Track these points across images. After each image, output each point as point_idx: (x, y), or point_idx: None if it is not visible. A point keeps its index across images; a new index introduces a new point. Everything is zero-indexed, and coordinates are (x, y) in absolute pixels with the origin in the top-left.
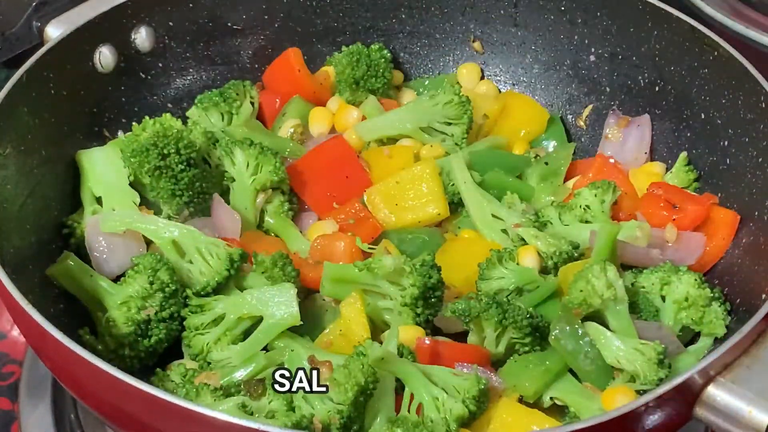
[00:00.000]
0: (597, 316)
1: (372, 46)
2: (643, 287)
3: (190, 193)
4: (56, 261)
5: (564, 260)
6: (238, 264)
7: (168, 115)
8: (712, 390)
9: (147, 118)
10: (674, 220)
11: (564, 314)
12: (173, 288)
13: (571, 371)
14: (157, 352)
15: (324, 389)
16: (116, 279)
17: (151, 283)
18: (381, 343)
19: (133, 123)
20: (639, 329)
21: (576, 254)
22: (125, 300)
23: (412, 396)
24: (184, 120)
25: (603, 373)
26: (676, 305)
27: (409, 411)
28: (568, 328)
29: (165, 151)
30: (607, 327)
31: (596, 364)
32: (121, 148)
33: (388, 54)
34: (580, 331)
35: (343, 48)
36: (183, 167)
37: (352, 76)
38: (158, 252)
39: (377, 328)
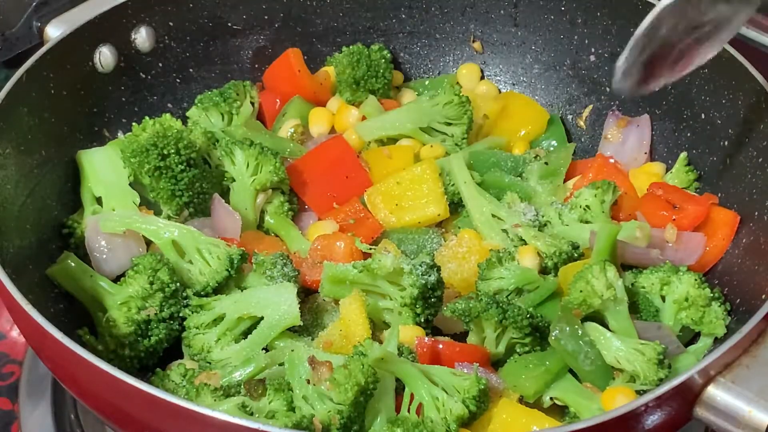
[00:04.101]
0: (597, 317)
1: (372, 47)
2: (643, 287)
3: (190, 193)
4: (56, 261)
5: (564, 260)
6: (238, 264)
7: (168, 115)
8: (712, 390)
9: (147, 118)
10: (674, 220)
11: (564, 314)
12: (173, 288)
13: (571, 371)
14: (158, 352)
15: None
16: (116, 279)
17: (151, 284)
18: (381, 342)
19: (133, 123)
20: (639, 329)
21: (576, 254)
22: (125, 300)
23: (412, 396)
24: (184, 120)
25: (603, 374)
26: (676, 305)
27: (409, 411)
28: (568, 328)
29: (165, 152)
30: (606, 327)
31: (596, 365)
32: (121, 148)
33: (389, 54)
34: (580, 332)
35: (343, 48)
36: (183, 167)
37: (353, 77)
38: (158, 252)
39: (377, 328)
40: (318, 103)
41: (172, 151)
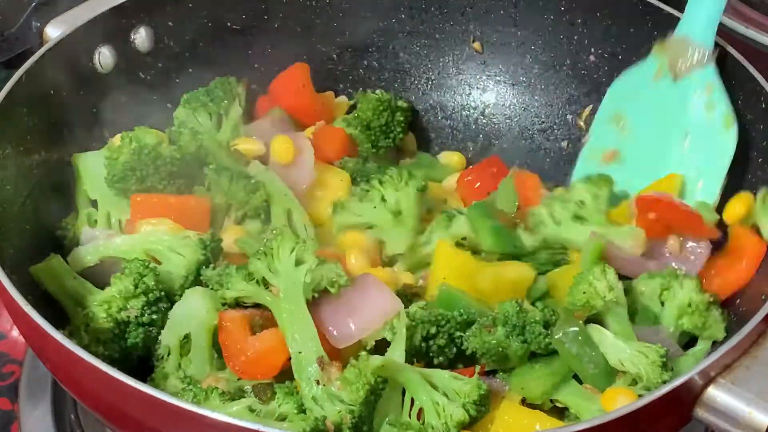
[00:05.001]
0: (596, 319)
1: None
2: (642, 292)
3: None
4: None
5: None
6: (210, 246)
7: (143, 127)
8: (712, 391)
9: (125, 134)
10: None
11: (566, 317)
12: (156, 295)
13: None
14: (131, 357)
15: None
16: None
17: (136, 286)
18: None
19: (111, 140)
20: (637, 333)
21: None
22: (107, 299)
23: (412, 401)
24: None
25: (606, 376)
26: (678, 311)
27: (410, 416)
28: (571, 331)
29: (143, 173)
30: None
31: (600, 367)
32: (105, 175)
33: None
34: (583, 335)
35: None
36: (165, 183)
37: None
38: (148, 258)
39: None
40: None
41: (151, 171)
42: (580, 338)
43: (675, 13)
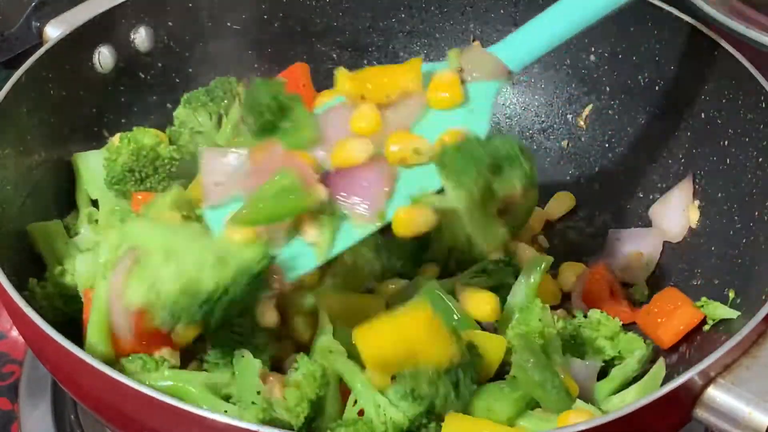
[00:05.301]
0: None
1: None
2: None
3: None
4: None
5: None
6: None
7: (141, 128)
8: (711, 391)
9: (123, 134)
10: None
11: (525, 345)
12: None
13: None
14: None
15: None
16: None
17: None
18: None
19: (111, 140)
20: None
21: None
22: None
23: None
24: None
25: (566, 399)
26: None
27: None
28: (532, 359)
29: (142, 175)
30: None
31: (561, 392)
32: (104, 176)
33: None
34: (544, 360)
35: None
36: (165, 184)
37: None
38: None
39: None
40: None
41: (150, 172)
42: (541, 365)
43: (675, 12)
